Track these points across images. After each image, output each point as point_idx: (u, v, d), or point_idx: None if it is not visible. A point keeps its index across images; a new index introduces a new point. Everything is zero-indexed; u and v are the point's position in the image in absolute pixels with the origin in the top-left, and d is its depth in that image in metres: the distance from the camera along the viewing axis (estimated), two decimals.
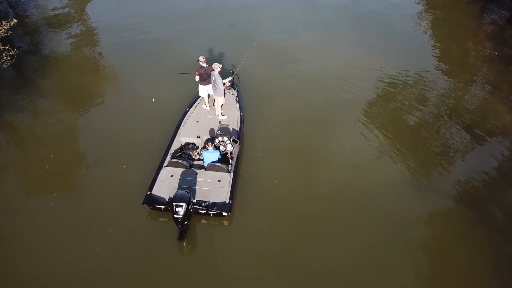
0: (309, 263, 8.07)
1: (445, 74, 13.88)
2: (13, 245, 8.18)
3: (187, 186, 8.84)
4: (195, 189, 8.84)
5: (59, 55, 14.20)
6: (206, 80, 10.78)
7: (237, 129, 10.61)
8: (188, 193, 8.12)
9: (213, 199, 8.67)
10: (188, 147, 10.11)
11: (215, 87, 10.54)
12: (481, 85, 13.46)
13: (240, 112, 11.10)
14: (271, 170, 9.99)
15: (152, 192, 8.77)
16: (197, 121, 10.78)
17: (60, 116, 11.55)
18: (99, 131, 10.99)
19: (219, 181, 9.02)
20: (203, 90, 11.01)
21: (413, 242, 8.56)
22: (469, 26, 17.12)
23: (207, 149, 9.55)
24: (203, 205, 8.53)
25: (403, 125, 11.66)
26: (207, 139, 10.31)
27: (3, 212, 8.78)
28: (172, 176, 9.07)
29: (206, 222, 8.73)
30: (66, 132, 11.09)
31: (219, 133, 10.12)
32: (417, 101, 12.56)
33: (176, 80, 12.29)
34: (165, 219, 8.63)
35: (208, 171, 9.24)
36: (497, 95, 12.92)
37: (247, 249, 8.28)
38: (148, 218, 8.75)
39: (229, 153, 9.98)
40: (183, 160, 9.45)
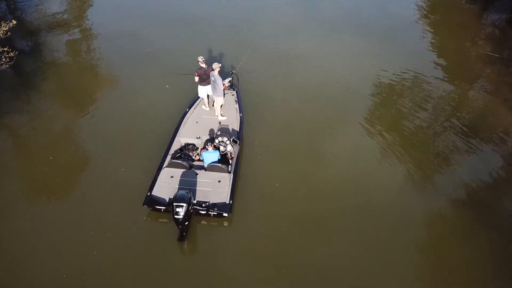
0: (309, 264, 8.04)
1: (445, 76, 13.85)
2: (10, 249, 8.10)
3: (187, 186, 8.81)
4: (195, 189, 8.81)
5: (58, 57, 14.20)
6: (205, 81, 10.77)
7: (237, 129, 10.59)
8: (188, 194, 8.09)
9: (213, 200, 8.65)
10: (188, 147, 10.09)
11: (214, 88, 10.53)
12: (482, 87, 13.43)
13: (239, 112, 11.09)
14: (271, 171, 9.96)
15: (152, 193, 8.74)
16: (196, 122, 10.77)
17: (59, 118, 11.52)
18: (98, 133, 10.97)
19: (219, 181, 9.00)
20: (203, 90, 11.00)
21: (414, 243, 8.52)
22: (469, 28, 17.16)
23: (207, 150, 9.53)
24: (203, 205, 8.51)
25: (404, 127, 11.62)
26: (207, 140, 10.29)
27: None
28: (172, 176, 9.05)
29: (206, 223, 8.70)
30: (64, 134, 11.06)
31: (219, 133, 10.11)
32: (418, 103, 12.52)
33: (175, 81, 12.32)
34: (165, 220, 8.60)
35: (208, 172, 9.22)
36: (497, 97, 12.89)
37: (247, 250, 8.25)
38: (148, 219, 8.71)
39: (229, 154, 9.96)
40: (183, 160, 9.43)
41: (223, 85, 10.47)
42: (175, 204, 7.86)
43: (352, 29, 16.41)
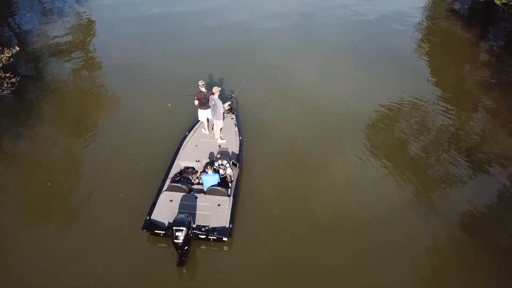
0: None
1: (444, 101, 13.94)
2: (2, 276, 7.90)
3: (186, 210, 8.72)
4: (195, 213, 8.73)
5: (59, 82, 14.35)
6: (205, 104, 10.88)
7: (237, 152, 10.60)
8: (188, 218, 8.00)
9: (213, 224, 8.55)
10: (187, 171, 10.06)
11: (214, 111, 10.62)
12: (481, 112, 13.52)
13: (239, 135, 11.13)
14: (271, 196, 9.88)
15: (151, 217, 8.65)
16: (196, 145, 10.79)
17: (58, 143, 11.54)
18: (97, 157, 10.95)
19: (219, 205, 8.92)
20: (202, 114, 11.09)
21: (417, 271, 8.39)
22: (466, 53, 17.51)
23: (207, 173, 9.50)
24: (203, 229, 8.40)
25: (404, 151, 11.62)
26: (206, 163, 10.28)
27: None
28: (171, 200, 8.98)
29: (206, 247, 8.56)
30: (63, 159, 11.04)
31: (219, 156, 10.10)
32: (417, 128, 12.53)
33: (175, 104, 12.42)
34: (164, 245, 8.46)
35: (207, 195, 9.16)
36: (496, 122, 12.98)
37: (248, 275, 8.08)
38: (147, 244, 8.57)
39: (229, 177, 9.92)
40: (182, 184, 9.38)
41: (223, 108, 10.56)
42: (174, 228, 7.76)
43: (351, 57, 16.68)
